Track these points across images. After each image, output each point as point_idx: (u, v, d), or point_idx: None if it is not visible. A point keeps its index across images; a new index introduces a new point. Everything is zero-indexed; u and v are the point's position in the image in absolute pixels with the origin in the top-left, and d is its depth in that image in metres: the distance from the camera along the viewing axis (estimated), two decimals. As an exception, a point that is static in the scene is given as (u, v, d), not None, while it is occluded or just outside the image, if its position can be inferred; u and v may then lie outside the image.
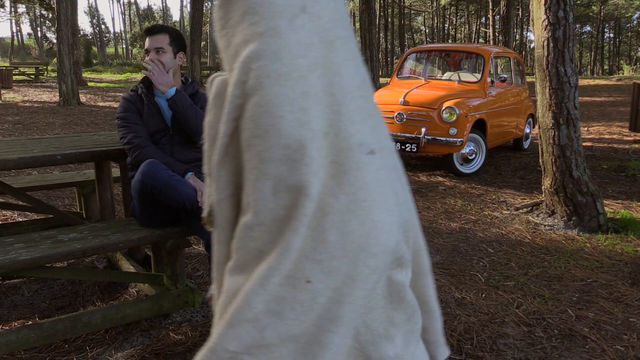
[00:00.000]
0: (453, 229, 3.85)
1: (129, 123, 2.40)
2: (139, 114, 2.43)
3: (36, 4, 27.83)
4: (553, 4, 3.75)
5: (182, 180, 2.22)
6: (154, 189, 2.16)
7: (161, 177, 2.16)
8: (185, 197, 2.16)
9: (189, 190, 2.18)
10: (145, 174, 2.17)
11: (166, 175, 2.17)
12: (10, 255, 1.95)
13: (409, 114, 5.59)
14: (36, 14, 45.35)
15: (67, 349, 2.17)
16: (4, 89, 15.41)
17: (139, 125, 2.40)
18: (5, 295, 2.67)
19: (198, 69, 19.25)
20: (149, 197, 2.20)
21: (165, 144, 2.42)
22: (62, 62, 12.14)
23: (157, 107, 2.44)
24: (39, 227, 3.22)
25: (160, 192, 2.16)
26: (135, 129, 2.38)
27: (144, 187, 2.18)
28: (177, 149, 2.41)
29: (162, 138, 2.42)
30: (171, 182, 2.16)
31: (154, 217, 2.30)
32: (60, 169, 5.36)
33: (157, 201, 2.21)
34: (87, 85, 19.48)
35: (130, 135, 2.36)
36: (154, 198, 2.19)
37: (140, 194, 2.22)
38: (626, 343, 2.27)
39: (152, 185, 2.16)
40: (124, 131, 2.39)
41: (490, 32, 27.51)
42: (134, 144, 2.33)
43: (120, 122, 2.42)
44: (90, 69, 31.96)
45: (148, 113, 2.42)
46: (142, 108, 2.43)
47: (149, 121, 2.41)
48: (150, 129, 2.41)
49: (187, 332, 2.32)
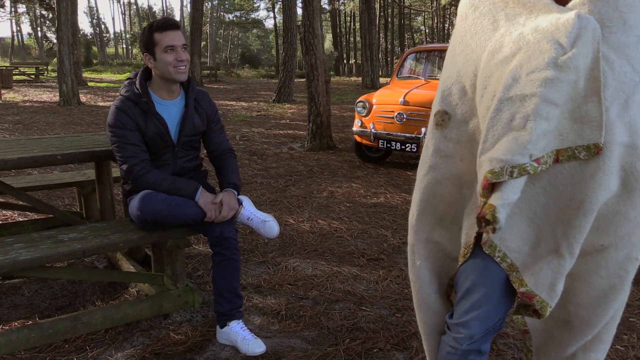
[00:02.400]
0: (453, 229, 3.84)
1: (125, 143, 2.14)
2: (137, 127, 2.15)
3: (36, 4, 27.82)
4: (553, 4, 3.74)
5: (181, 202, 2.14)
6: (155, 220, 2.16)
7: (159, 209, 2.12)
8: (189, 218, 2.15)
9: (191, 209, 2.14)
10: (144, 210, 2.13)
11: (164, 206, 2.12)
12: (10, 255, 1.96)
13: (409, 114, 5.59)
14: (36, 14, 45.35)
15: (67, 349, 2.17)
16: (4, 89, 15.40)
17: (137, 145, 2.15)
18: (5, 295, 2.67)
19: (198, 69, 19.24)
20: (151, 225, 2.21)
21: (167, 160, 2.28)
22: (62, 62, 12.14)
23: (162, 122, 2.21)
24: (39, 227, 3.22)
25: (163, 221, 2.16)
26: (133, 152, 2.14)
27: (144, 220, 2.18)
28: (179, 162, 2.32)
29: (164, 155, 2.26)
30: (170, 210, 2.12)
31: (156, 229, 2.30)
32: (60, 169, 5.36)
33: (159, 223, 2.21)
34: (87, 85, 19.48)
35: (129, 162, 2.14)
36: (157, 223, 2.20)
37: (141, 224, 2.22)
38: (626, 343, 2.27)
39: (153, 217, 2.14)
40: (121, 154, 2.16)
41: (490, 32, 27.43)
42: (134, 174, 2.15)
43: (115, 140, 2.15)
44: (91, 69, 31.95)
45: (152, 130, 2.18)
46: (143, 121, 2.16)
47: (151, 138, 2.19)
48: (153, 146, 2.21)
49: (187, 332, 2.32)
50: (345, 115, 11.14)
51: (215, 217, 2.14)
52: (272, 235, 2.26)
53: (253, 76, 32.19)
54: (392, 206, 4.41)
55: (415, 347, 2.22)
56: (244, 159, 6.38)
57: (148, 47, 2.15)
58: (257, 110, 12.25)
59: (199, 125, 2.32)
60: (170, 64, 2.12)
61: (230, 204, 2.16)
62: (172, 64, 2.12)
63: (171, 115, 2.26)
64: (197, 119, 2.31)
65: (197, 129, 2.32)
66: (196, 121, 2.31)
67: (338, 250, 3.38)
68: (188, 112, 2.27)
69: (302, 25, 7.28)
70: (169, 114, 2.24)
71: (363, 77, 19.25)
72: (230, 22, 53.13)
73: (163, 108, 2.23)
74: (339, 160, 6.46)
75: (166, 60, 2.12)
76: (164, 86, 2.22)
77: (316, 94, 7.13)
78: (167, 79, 2.19)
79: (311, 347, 2.22)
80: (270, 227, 2.25)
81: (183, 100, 2.30)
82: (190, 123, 2.28)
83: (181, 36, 2.16)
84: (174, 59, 2.12)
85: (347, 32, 44.91)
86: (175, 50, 2.12)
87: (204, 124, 2.35)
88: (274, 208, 4.31)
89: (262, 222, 2.24)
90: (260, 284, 2.85)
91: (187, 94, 2.31)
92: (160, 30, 2.12)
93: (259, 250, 3.36)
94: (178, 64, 2.13)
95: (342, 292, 2.76)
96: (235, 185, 2.28)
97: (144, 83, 2.20)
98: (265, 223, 2.24)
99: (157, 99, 2.23)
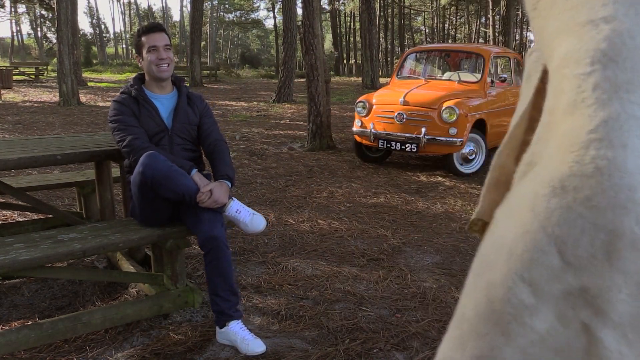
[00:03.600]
0: (453, 229, 3.85)
1: (125, 125, 2.32)
2: (134, 116, 2.36)
3: (36, 4, 27.84)
4: (553, 4, 3.75)
5: (182, 172, 2.21)
6: (154, 181, 2.15)
7: (161, 167, 2.16)
8: (185, 188, 2.17)
9: (189, 182, 2.19)
10: (146, 165, 2.16)
11: (166, 166, 2.17)
12: (10, 255, 1.96)
13: (409, 114, 5.59)
14: (36, 14, 45.34)
15: (67, 349, 2.17)
16: (4, 89, 15.41)
17: (136, 127, 2.33)
18: (5, 295, 2.67)
19: (198, 69, 19.25)
20: (148, 190, 2.20)
21: (164, 145, 2.39)
22: (62, 62, 12.14)
23: (154, 108, 2.40)
24: (39, 227, 3.22)
25: (160, 183, 2.16)
26: (133, 131, 2.31)
27: (144, 179, 2.17)
28: (176, 149, 2.40)
29: (161, 140, 2.39)
30: (171, 173, 2.16)
31: (154, 214, 2.31)
32: (60, 169, 5.36)
33: (156, 196, 2.21)
34: (87, 85, 19.48)
35: (129, 137, 2.30)
36: (154, 192, 2.19)
37: (140, 187, 2.22)
38: (626, 343, 2.27)
39: (153, 175, 2.15)
40: (122, 134, 2.32)
41: (490, 32, 27.52)
42: (134, 147, 2.27)
43: (116, 126, 2.34)
44: (90, 69, 31.96)
45: (146, 115, 2.37)
46: (137, 110, 2.37)
47: (146, 123, 2.36)
48: (149, 131, 2.36)
49: (187, 332, 2.32)
50: (345, 115, 11.14)
51: (206, 199, 2.18)
52: (259, 228, 2.32)
53: (253, 76, 32.20)
54: (392, 206, 4.41)
55: (415, 347, 2.22)
56: (244, 159, 6.38)
57: (137, 49, 2.45)
58: (257, 111, 12.25)
59: (192, 116, 2.47)
60: (153, 62, 2.37)
61: (220, 193, 2.22)
62: (154, 62, 2.37)
63: (163, 105, 2.45)
64: (189, 110, 2.47)
65: (191, 118, 2.47)
66: (189, 112, 2.47)
67: (338, 250, 3.38)
68: (180, 102, 2.47)
69: (302, 25, 7.28)
70: (161, 104, 2.44)
71: (363, 77, 19.25)
72: (230, 22, 53.15)
73: (155, 99, 2.44)
74: (339, 160, 6.46)
75: (149, 59, 2.37)
76: (154, 84, 2.46)
77: (316, 94, 7.13)
78: (154, 77, 2.42)
79: (311, 347, 2.22)
80: (258, 221, 2.30)
81: (176, 95, 2.50)
82: (183, 111, 2.45)
83: (164, 37, 2.41)
84: (156, 57, 2.37)
85: (347, 32, 44.93)
86: (157, 50, 2.37)
87: (197, 116, 2.50)
88: (274, 208, 4.31)
89: (250, 214, 2.30)
90: (260, 284, 2.85)
91: (179, 90, 2.50)
92: (146, 33, 2.39)
93: (259, 250, 3.36)
94: (159, 62, 2.37)
95: (342, 292, 2.76)
96: (229, 177, 2.34)
97: (137, 80, 2.47)
98: (254, 216, 2.30)
99: (149, 93, 2.45)
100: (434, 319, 2.47)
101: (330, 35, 41.81)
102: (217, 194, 2.20)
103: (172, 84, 2.50)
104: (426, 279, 2.94)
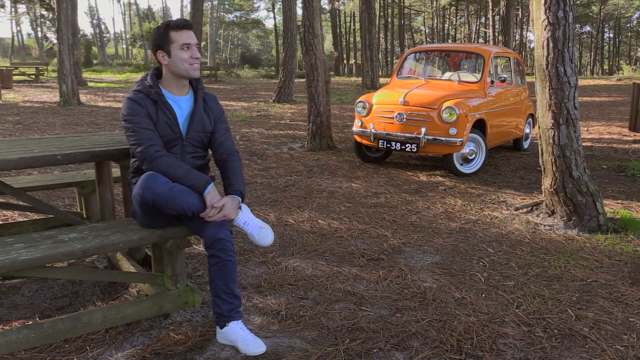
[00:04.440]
0: (453, 229, 3.85)
1: (140, 128, 2.20)
2: (149, 116, 2.24)
3: (36, 4, 27.82)
4: (553, 4, 3.75)
5: (183, 189, 2.16)
6: (155, 202, 2.15)
7: (161, 191, 2.12)
8: (187, 207, 2.15)
9: (191, 199, 2.15)
10: (145, 189, 2.14)
11: (166, 189, 2.13)
12: (11, 255, 1.96)
13: (409, 114, 5.59)
14: (36, 14, 45.32)
15: (67, 349, 2.17)
16: (4, 89, 15.41)
17: (151, 130, 2.22)
18: (5, 295, 2.67)
19: (198, 69, 19.23)
20: (150, 208, 2.20)
21: (176, 153, 2.31)
22: (62, 63, 12.14)
23: (173, 113, 2.28)
24: (39, 227, 3.22)
25: (162, 205, 2.15)
26: (148, 135, 2.20)
27: (144, 201, 2.17)
28: (187, 158, 2.34)
29: (174, 147, 2.30)
30: (172, 194, 2.13)
31: (155, 223, 2.30)
32: (60, 169, 5.37)
33: (158, 212, 2.21)
34: (87, 85, 19.48)
35: (145, 143, 2.19)
36: (155, 209, 2.19)
37: (142, 206, 2.22)
38: (626, 343, 2.27)
39: (153, 199, 2.14)
40: (136, 137, 2.21)
41: (490, 32, 27.51)
42: (150, 155, 2.18)
43: (130, 126, 2.22)
44: (91, 69, 31.95)
45: (163, 120, 2.25)
46: (154, 112, 2.25)
47: (163, 129, 2.25)
48: (163, 136, 2.26)
49: (187, 332, 2.32)
50: (345, 115, 11.14)
51: (212, 215, 2.15)
52: (266, 243, 2.28)
53: (253, 76, 32.19)
54: (392, 206, 4.41)
55: (415, 347, 2.22)
56: (244, 159, 6.38)
57: (163, 45, 2.25)
58: (257, 111, 12.25)
59: (207, 124, 2.38)
60: (186, 61, 2.25)
61: (231, 209, 2.18)
62: (188, 61, 2.25)
63: (181, 108, 2.34)
64: (205, 117, 2.38)
65: (206, 126, 2.38)
66: (205, 119, 2.37)
67: (338, 250, 3.38)
68: (197, 108, 2.36)
69: (302, 26, 7.28)
70: (178, 107, 2.33)
71: (363, 77, 19.24)
72: (230, 22, 53.13)
73: (173, 102, 2.32)
74: (339, 160, 6.46)
75: (182, 57, 2.24)
76: (174, 83, 2.31)
77: (316, 94, 7.13)
78: (180, 76, 2.28)
79: (311, 347, 2.22)
80: (265, 235, 2.27)
81: (192, 98, 2.39)
82: (199, 118, 2.35)
83: (194, 36, 2.30)
84: (190, 56, 2.25)
85: (347, 32, 44.91)
86: (191, 48, 2.25)
87: (212, 124, 2.41)
88: (274, 208, 4.31)
89: (258, 227, 2.27)
90: (260, 284, 2.85)
91: (195, 92, 2.39)
92: (177, 29, 2.25)
93: (259, 250, 3.36)
94: (193, 61, 2.26)
95: (342, 292, 2.76)
96: (241, 194, 2.30)
97: (155, 78, 2.31)
98: (261, 229, 2.27)
99: (167, 94, 2.31)
100: (434, 319, 2.47)
101: (330, 35, 41.79)
102: (228, 210, 2.17)
103: (189, 84, 2.38)
104: (426, 279, 2.94)
